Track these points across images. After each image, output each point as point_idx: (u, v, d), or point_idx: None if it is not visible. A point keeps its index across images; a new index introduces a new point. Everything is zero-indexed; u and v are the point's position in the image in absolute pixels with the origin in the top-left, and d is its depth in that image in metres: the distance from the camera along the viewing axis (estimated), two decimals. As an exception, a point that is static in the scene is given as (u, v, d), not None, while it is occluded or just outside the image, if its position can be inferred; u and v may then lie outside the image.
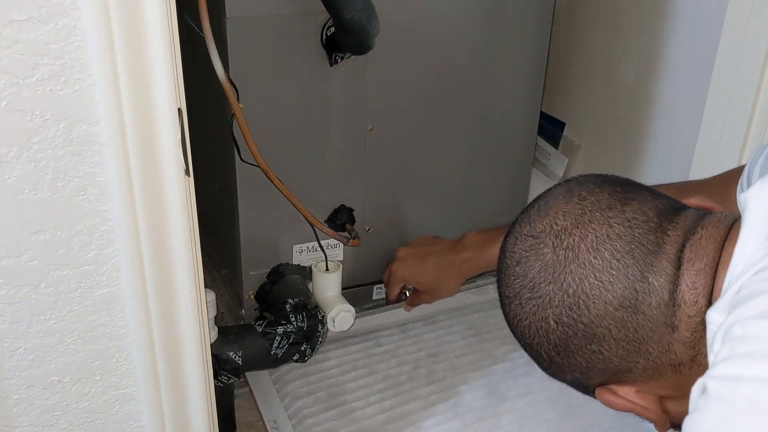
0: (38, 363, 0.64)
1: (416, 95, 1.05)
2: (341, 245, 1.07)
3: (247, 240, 1.02)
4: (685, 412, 0.48)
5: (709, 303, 0.52)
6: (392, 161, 1.08)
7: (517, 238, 0.60)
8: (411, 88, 1.04)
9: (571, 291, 0.55)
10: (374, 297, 1.17)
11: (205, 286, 0.70)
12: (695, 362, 0.54)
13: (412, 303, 1.13)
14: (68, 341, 0.65)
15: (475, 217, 1.20)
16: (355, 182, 1.06)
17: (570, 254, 0.55)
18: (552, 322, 0.56)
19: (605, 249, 0.54)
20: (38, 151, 0.56)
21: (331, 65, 0.94)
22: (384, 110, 1.03)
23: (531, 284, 0.57)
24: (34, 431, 0.68)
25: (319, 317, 0.99)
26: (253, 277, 1.04)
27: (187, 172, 0.61)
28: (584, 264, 0.55)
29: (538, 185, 1.24)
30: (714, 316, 0.50)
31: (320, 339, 0.99)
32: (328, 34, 0.92)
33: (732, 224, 0.55)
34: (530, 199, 1.26)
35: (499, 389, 1.05)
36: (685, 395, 0.49)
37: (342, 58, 0.94)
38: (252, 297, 1.06)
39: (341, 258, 1.09)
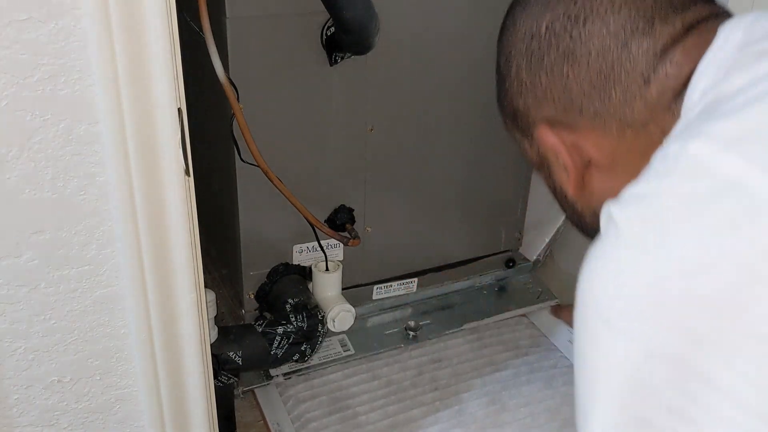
0: (38, 363, 0.64)
1: (416, 95, 1.05)
2: (341, 245, 1.07)
3: (247, 240, 1.02)
4: (599, 193, 0.51)
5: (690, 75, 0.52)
6: (392, 161, 1.08)
7: None
8: (411, 88, 1.04)
9: (579, 3, 0.55)
10: (374, 297, 1.17)
11: (205, 286, 0.70)
12: (644, 130, 0.53)
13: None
14: (68, 341, 0.65)
15: (475, 216, 1.21)
16: (355, 182, 1.06)
17: None
18: (543, 27, 0.56)
19: None
20: (38, 151, 0.56)
21: (331, 65, 0.94)
22: (384, 110, 1.03)
23: None
24: (34, 431, 0.68)
25: (319, 317, 0.99)
26: (253, 277, 1.05)
27: (187, 172, 0.61)
28: None
29: (538, 184, 1.23)
30: (687, 102, 0.51)
31: (320, 339, 0.99)
32: (328, 34, 0.92)
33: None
34: (530, 198, 1.26)
35: (501, 398, 1.06)
36: (611, 167, 0.51)
37: (342, 58, 0.94)
38: (252, 297, 1.06)
39: (341, 258, 1.09)
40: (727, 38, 0.51)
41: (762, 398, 0.39)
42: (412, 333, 1.15)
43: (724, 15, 0.55)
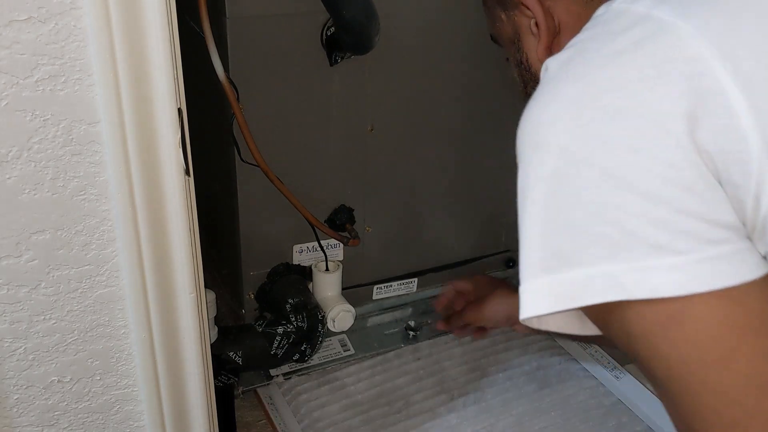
0: (38, 363, 0.64)
1: (416, 95, 1.05)
2: (341, 245, 1.08)
3: (247, 240, 1.02)
4: None
5: None
6: (392, 161, 1.08)
7: None
8: (411, 88, 1.04)
9: None
10: (374, 297, 1.17)
11: (205, 286, 0.70)
12: None
13: (452, 319, 1.04)
14: (68, 341, 0.65)
15: (475, 216, 1.21)
16: (355, 182, 1.06)
17: None
18: None
19: None
20: (38, 151, 0.56)
21: (331, 65, 0.94)
22: (384, 110, 1.03)
23: None
24: (34, 431, 0.68)
25: (319, 317, 0.99)
26: (253, 277, 1.05)
27: (187, 172, 0.61)
28: None
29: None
30: None
31: (320, 339, 0.99)
32: (328, 34, 0.92)
33: None
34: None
35: (481, 365, 1.10)
36: (576, 32, 0.51)
37: (342, 58, 0.94)
38: (252, 297, 1.06)
39: (341, 258, 1.09)
40: None
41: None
42: (412, 333, 1.15)
43: None
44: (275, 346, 0.95)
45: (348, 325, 1.05)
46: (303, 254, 1.06)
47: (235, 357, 0.92)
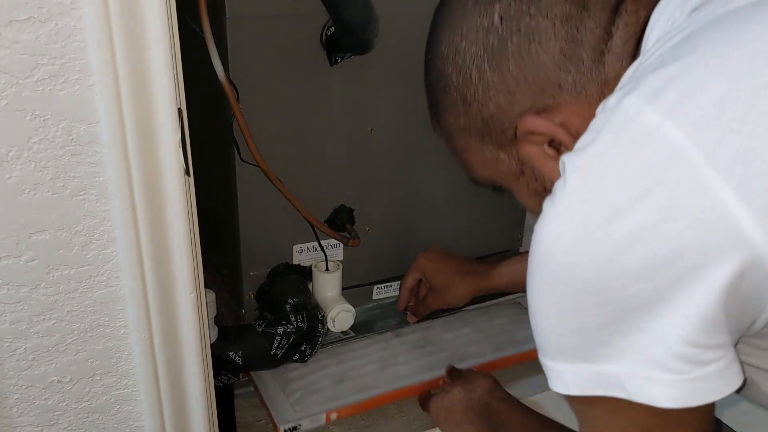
0: (38, 363, 0.64)
1: (416, 96, 1.05)
2: (341, 245, 1.08)
3: (247, 240, 1.02)
4: None
5: (647, 20, 0.53)
6: (392, 162, 1.08)
7: None
8: (411, 88, 1.03)
9: None
10: (374, 297, 1.17)
11: (205, 286, 0.70)
12: (617, 83, 0.53)
13: (417, 309, 1.12)
14: (68, 341, 0.65)
15: (475, 216, 1.21)
16: (355, 182, 1.06)
17: None
18: (497, 18, 0.55)
19: None
20: (38, 151, 0.56)
21: (331, 65, 0.94)
22: (384, 111, 1.03)
23: None
24: (34, 431, 0.68)
25: (319, 317, 0.99)
26: (253, 277, 1.05)
27: (187, 172, 0.61)
28: None
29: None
30: (643, 50, 0.52)
31: (320, 339, 0.99)
32: (328, 34, 0.92)
33: None
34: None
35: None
36: None
37: (342, 58, 0.94)
38: (252, 297, 1.06)
39: (341, 258, 1.09)
40: None
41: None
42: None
43: None
44: (275, 346, 0.95)
45: (348, 325, 1.05)
46: (303, 254, 1.06)
47: (235, 357, 0.92)
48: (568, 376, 0.51)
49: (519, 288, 1.04)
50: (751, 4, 0.47)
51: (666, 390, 0.47)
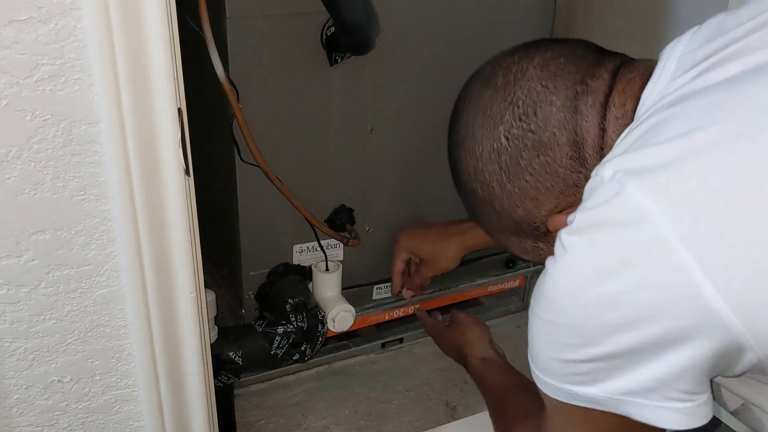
0: (38, 363, 0.64)
1: (416, 95, 1.05)
2: (341, 245, 1.07)
3: (247, 240, 1.02)
4: None
5: (635, 109, 0.58)
6: (392, 161, 1.08)
7: (467, 85, 0.68)
8: (411, 88, 1.04)
9: (520, 102, 0.61)
10: (374, 297, 1.17)
11: (205, 286, 0.70)
12: None
13: (413, 282, 1.11)
14: (68, 341, 0.65)
15: (475, 217, 1.20)
16: (355, 182, 1.06)
17: (519, 74, 0.62)
18: (503, 139, 0.62)
19: (551, 64, 0.61)
20: (38, 151, 0.56)
21: (331, 65, 0.94)
22: (384, 110, 1.03)
23: (483, 109, 0.64)
24: (34, 431, 0.68)
25: (319, 317, 0.99)
26: (253, 277, 1.04)
27: (187, 172, 0.61)
28: (532, 78, 0.62)
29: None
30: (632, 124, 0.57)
31: (320, 339, 0.99)
32: (328, 34, 0.92)
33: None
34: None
35: None
36: None
37: (342, 58, 0.94)
38: (252, 297, 1.06)
39: (341, 258, 1.09)
40: (663, 68, 0.58)
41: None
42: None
43: (632, 59, 0.63)
44: (275, 346, 0.95)
45: (348, 325, 1.05)
46: (303, 254, 1.06)
47: (235, 357, 0.92)
48: (552, 387, 0.59)
49: None
50: (733, 76, 0.51)
51: (640, 411, 0.54)
